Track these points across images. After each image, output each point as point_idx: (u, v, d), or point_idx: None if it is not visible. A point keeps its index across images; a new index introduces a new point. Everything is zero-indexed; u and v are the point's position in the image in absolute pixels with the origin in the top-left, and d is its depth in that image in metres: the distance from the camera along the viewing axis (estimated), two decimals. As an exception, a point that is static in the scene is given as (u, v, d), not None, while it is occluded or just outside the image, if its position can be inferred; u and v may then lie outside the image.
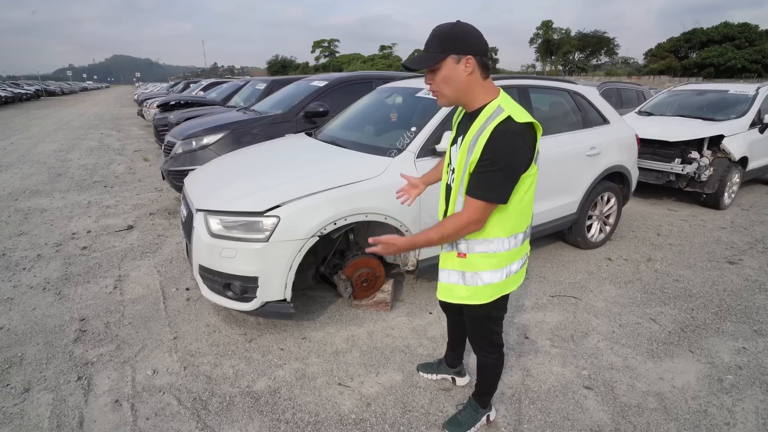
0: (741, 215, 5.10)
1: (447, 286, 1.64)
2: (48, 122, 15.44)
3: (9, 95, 27.01)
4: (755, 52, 44.42)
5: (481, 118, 1.43)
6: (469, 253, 1.55)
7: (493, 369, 1.85)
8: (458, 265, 1.58)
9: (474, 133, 1.42)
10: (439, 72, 1.42)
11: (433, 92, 1.49)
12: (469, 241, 1.54)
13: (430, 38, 1.42)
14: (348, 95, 4.67)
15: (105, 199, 5.55)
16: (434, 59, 1.41)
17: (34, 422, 1.98)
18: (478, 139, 1.40)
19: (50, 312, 2.88)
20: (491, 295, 1.58)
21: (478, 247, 1.53)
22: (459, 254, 1.57)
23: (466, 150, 1.44)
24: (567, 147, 3.47)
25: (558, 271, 3.54)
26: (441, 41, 1.40)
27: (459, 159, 1.49)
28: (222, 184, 2.79)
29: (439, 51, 1.40)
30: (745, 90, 5.90)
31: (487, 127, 1.38)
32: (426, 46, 1.43)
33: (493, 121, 1.37)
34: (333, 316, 2.85)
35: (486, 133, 1.37)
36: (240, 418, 2.00)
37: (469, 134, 1.45)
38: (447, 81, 1.42)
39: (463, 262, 1.56)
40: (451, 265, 1.61)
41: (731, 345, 2.57)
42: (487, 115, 1.41)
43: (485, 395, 1.93)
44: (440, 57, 1.40)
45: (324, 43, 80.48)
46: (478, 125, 1.42)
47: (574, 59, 68.30)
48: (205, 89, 12.10)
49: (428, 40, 1.42)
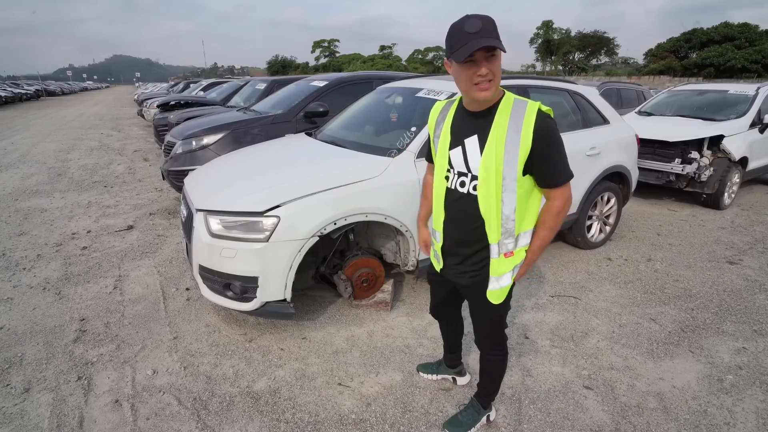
0: (741, 215, 5.10)
1: (502, 290, 1.58)
2: (48, 122, 15.44)
3: (9, 95, 27.00)
4: (755, 52, 44.40)
5: (503, 111, 1.39)
6: (516, 249, 1.52)
7: (500, 366, 1.84)
8: (509, 264, 1.53)
9: (506, 128, 1.38)
10: (498, 59, 1.33)
11: (481, 84, 1.34)
12: (518, 237, 1.50)
13: (488, 24, 1.28)
14: (348, 95, 4.67)
15: (105, 199, 5.55)
16: (502, 45, 1.30)
17: (34, 422, 1.98)
18: (521, 131, 1.36)
19: (50, 312, 2.88)
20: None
21: (523, 240, 1.52)
22: (506, 254, 1.51)
23: (503, 148, 1.38)
24: (567, 147, 3.44)
25: (558, 271, 3.54)
26: (496, 29, 1.30)
27: (493, 160, 1.39)
28: (222, 184, 2.79)
29: (497, 38, 1.29)
30: (745, 90, 5.90)
31: (524, 116, 1.37)
32: (484, 31, 1.27)
33: (527, 110, 1.37)
34: (333, 316, 2.85)
35: (528, 122, 1.36)
36: (240, 418, 2.00)
37: (497, 131, 1.39)
38: (500, 70, 1.36)
39: (511, 260, 1.53)
40: (502, 269, 1.54)
41: (731, 345, 2.57)
42: (510, 106, 1.40)
43: (489, 395, 1.93)
44: (501, 44, 1.29)
45: (324, 43, 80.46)
46: (505, 118, 1.38)
47: (574, 59, 68.30)
48: (205, 89, 12.10)
49: (485, 26, 1.28)
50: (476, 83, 1.35)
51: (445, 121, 1.56)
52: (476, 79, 1.34)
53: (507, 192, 1.42)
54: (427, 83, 3.38)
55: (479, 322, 1.74)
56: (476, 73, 1.33)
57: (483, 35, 1.27)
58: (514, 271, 1.56)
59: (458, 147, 1.49)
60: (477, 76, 1.33)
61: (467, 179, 1.49)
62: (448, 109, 1.58)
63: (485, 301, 1.60)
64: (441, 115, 1.60)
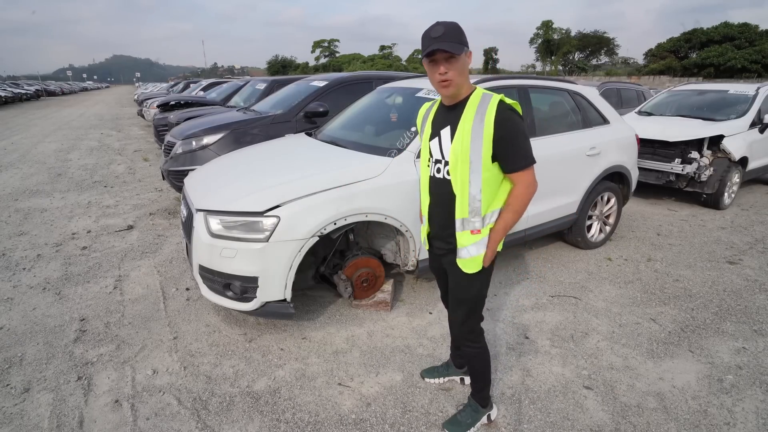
0: (741, 215, 5.10)
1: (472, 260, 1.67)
2: (48, 122, 15.44)
3: (9, 95, 26.99)
4: (755, 52, 44.42)
5: (472, 104, 1.57)
6: (483, 227, 1.64)
7: (480, 360, 1.88)
8: (473, 239, 1.65)
9: (472, 118, 1.54)
10: (458, 62, 1.51)
11: (444, 81, 1.54)
12: (485, 217, 1.62)
13: (450, 30, 1.49)
14: (348, 95, 4.67)
15: (105, 199, 5.55)
16: (459, 48, 1.50)
17: (34, 422, 1.98)
18: (484, 120, 1.52)
19: (50, 312, 2.88)
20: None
21: (489, 219, 1.64)
22: (473, 231, 1.64)
23: (468, 136, 1.54)
24: (567, 147, 3.47)
25: (558, 271, 3.54)
26: (461, 34, 1.51)
27: (459, 146, 1.57)
28: (222, 184, 2.79)
29: (459, 42, 1.50)
30: (745, 90, 5.90)
31: (488, 108, 1.53)
32: (445, 36, 1.49)
33: (491, 102, 1.54)
34: (333, 316, 2.85)
35: (490, 112, 1.52)
36: (240, 418, 2.00)
37: (465, 121, 1.56)
38: (462, 71, 1.54)
39: (477, 236, 1.64)
40: (467, 242, 1.66)
41: (731, 345, 2.57)
42: (478, 99, 1.57)
43: (482, 390, 1.94)
44: (461, 48, 1.50)
45: (324, 43, 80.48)
46: (472, 110, 1.55)
47: (574, 59, 68.32)
48: (205, 89, 12.10)
49: (447, 32, 1.49)
50: (439, 81, 1.55)
51: (428, 118, 1.75)
52: (437, 78, 1.54)
53: (473, 174, 1.57)
54: (427, 83, 3.37)
55: (455, 302, 1.81)
56: (437, 72, 1.54)
57: (444, 39, 1.48)
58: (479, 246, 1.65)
59: (436, 138, 1.68)
60: (438, 74, 1.54)
61: (442, 165, 1.67)
62: (432, 107, 1.78)
63: (460, 274, 1.71)
64: (426, 114, 1.80)
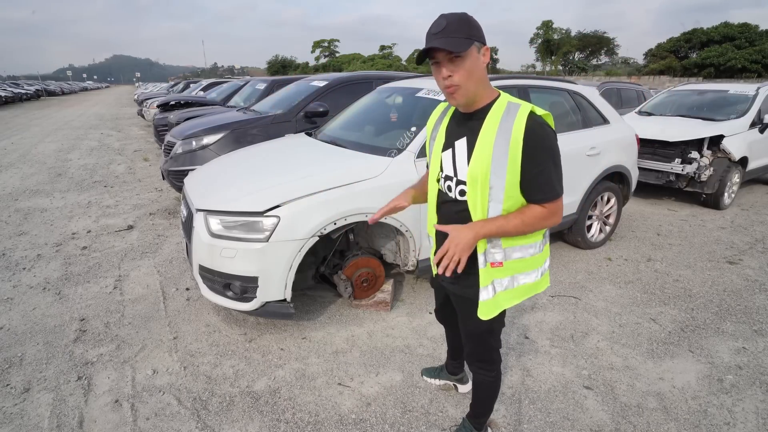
0: (741, 215, 5.10)
1: (491, 302, 1.44)
2: (48, 122, 15.44)
3: (9, 95, 27.00)
4: (755, 52, 44.40)
5: (494, 115, 1.27)
6: (506, 261, 1.40)
7: (491, 388, 1.72)
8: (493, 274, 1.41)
9: (494, 133, 1.26)
10: (465, 61, 1.21)
11: (450, 87, 1.26)
12: (506, 249, 1.39)
13: (453, 23, 1.20)
14: (348, 95, 4.67)
15: (105, 199, 5.54)
16: (463, 45, 1.19)
17: (34, 422, 1.98)
18: (510, 138, 1.24)
19: (50, 312, 2.88)
20: (525, 294, 1.47)
21: (516, 254, 1.41)
22: (493, 264, 1.40)
23: (489, 156, 1.27)
24: (567, 147, 3.43)
25: (558, 271, 3.54)
26: (469, 26, 1.21)
27: (479, 168, 1.30)
28: (222, 184, 2.79)
29: (465, 36, 1.19)
30: (745, 90, 5.90)
31: (515, 121, 1.24)
32: (447, 30, 1.19)
33: (518, 114, 1.24)
34: (333, 316, 2.85)
35: (518, 128, 1.23)
36: (240, 418, 2.00)
37: (485, 135, 1.28)
38: (472, 73, 1.23)
39: (499, 270, 1.41)
40: (487, 280, 1.42)
41: (731, 345, 2.57)
42: (502, 110, 1.27)
43: (481, 417, 1.81)
44: (468, 43, 1.20)
45: (324, 43, 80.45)
46: (494, 123, 1.27)
47: (574, 59, 68.29)
48: (205, 89, 12.10)
49: (449, 25, 1.20)
50: (444, 88, 1.27)
51: (442, 123, 1.49)
52: (442, 83, 1.27)
53: (493, 202, 1.32)
54: (427, 83, 3.37)
55: (465, 335, 1.65)
56: (440, 75, 1.25)
57: (443, 35, 1.19)
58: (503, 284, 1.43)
59: (449, 149, 1.42)
60: (442, 79, 1.26)
61: (453, 183, 1.42)
62: (447, 110, 1.51)
63: (472, 314, 1.48)
64: (440, 117, 1.53)
